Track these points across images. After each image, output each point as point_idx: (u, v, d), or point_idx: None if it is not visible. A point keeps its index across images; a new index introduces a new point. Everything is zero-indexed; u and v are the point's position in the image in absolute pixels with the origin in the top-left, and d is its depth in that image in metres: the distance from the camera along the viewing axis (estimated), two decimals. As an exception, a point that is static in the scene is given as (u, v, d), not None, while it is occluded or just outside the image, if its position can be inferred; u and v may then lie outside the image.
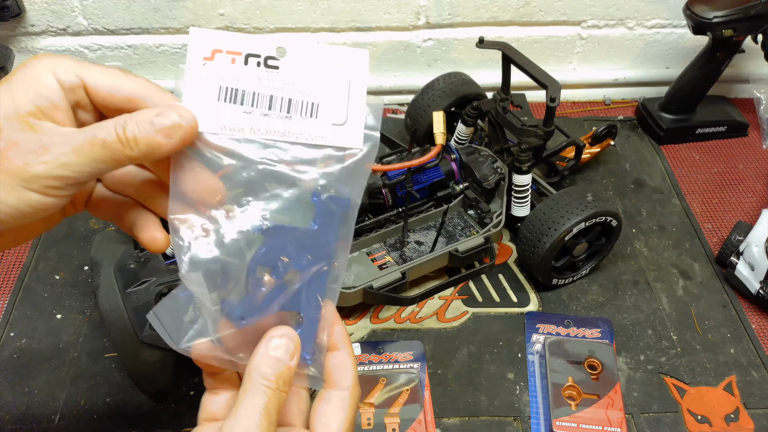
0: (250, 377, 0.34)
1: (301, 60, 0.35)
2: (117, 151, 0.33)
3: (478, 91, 0.98)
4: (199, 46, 0.35)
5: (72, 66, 0.34)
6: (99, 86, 0.34)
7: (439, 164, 0.87)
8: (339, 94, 0.36)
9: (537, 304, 0.84)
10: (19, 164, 0.32)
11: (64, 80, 0.34)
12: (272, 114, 0.35)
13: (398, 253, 0.83)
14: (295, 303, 0.36)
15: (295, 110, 0.35)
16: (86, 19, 1.05)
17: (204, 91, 0.35)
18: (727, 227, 0.96)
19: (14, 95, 0.33)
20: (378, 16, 1.08)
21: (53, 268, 0.86)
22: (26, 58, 0.40)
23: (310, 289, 0.36)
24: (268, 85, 0.35)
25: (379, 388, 0.73)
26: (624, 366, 0.78)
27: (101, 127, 0.33)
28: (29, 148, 0.32)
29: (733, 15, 0.95)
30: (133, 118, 0.33)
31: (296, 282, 0.36)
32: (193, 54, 0.35)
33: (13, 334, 0.78)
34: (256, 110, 0.35)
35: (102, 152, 0.33)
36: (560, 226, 0.78)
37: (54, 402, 0.72)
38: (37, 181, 0.32)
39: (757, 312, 0.85)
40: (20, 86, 0.33)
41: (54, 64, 0.34)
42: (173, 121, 0.33)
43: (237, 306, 0.35)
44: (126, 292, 0.69)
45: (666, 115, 1.11)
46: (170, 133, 0.33)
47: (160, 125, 0.33)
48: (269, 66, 0.35)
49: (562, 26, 1.13)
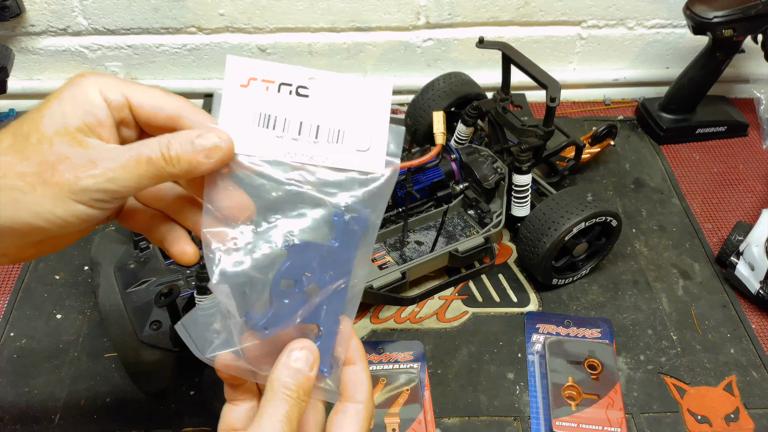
0: (272, 386, 0.35)
1: (330, 89, 0.38)
2: (161, 168, 0.35)
3: (478, 91, 0.98)
4: (235, 74, 0.37)
5: (118, 85, 0.36)
6: (143, 105, 0.37)
7: (439, 164, 0.87)
8: (363, 122, 0.38)
9: (537, 304, 0.84)
10: (69, 177, 0.33)
11: (110, 99, 0.35)
12: (301, 139, 0.37)
13: (398, 253, 0.83)
14: (315, 317, 0.38)
15: (322, 136, 0.38)
16: (86, 19, 1.05)
17: (239, 116, 0.37)
18: (727, 227, 0.96)
19: (64, 111, 0.34)
20: (378, 16, 1.08)
21: (53, 268, 0.86)
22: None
23: (330, 304, 0.38)
24: (298, 111, 0.37)
25: (379, 388, 0.73)
26: (624, 366, 0.78)
27: (146, 145, 0.35)
28: (79, 163, 0.34)
29: (733, 15, 0.95)
30: (177, 138, 0.35)
31: (317, 296, 0.37)
32: (229, 80, 0.37)
33: (13, 334, 0.78)
34: (287, 135, 0.37)
35: (147, 169, 0.35)
36: (560, 226, 0.78)
37: (54, 402, 0.72)
38: (85, 194, 0.34)
39: (757, 312, 0.85)
40: (69, 102, 0.35)
41: (101, 83, 0.35)
42: (213, 143, 0.35)
43: (261, 317, 0.36)
44: (126, 292, 0.69)
45: (666, 115, 1.11)
46: (210, 153, 0.35)
47: (201, 146, 0.35)
48: (300, 94, 0.38)
49: (562, 26, 1.13)
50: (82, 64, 1.11)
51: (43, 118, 0.34)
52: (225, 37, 1.09)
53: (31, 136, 0.34)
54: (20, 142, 0.34)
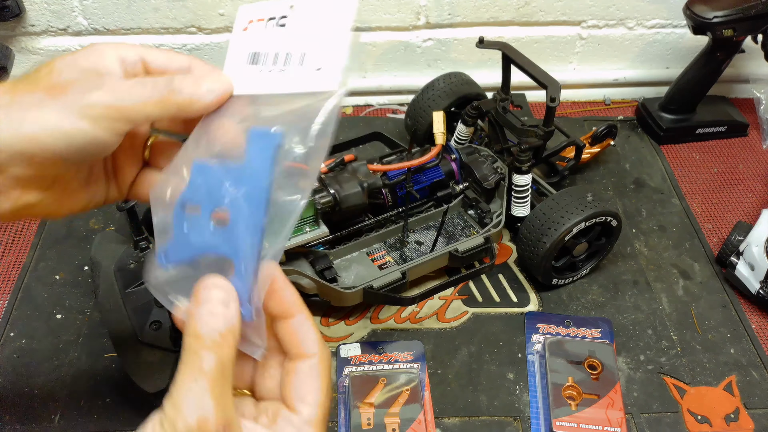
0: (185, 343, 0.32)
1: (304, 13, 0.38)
2: (164, 97, 0.36)
3: (478, 91, 0.98)
4: (240, 20, 0.39)
5: (134, 48, 0.39)
6: (157, 61, 0.39)
7: (439, 164, 0.87)
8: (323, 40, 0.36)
9: (537, 304, 0.84)
10: (77, 94, 0.35)
11: (125, 58, 0.38)
12: (275, 69, 0.38)
13: (398, 253, 0.83)
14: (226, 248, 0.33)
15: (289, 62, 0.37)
16: (86, 19, 1.05)
17: (238, 58, 0.39)
18: (727, 227, 0.96)
19: (76, 58, 0.37)
20: (378, 16, 1.08)
21: (53, 268, 0.86)
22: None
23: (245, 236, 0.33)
24: (276, 42, 0.38)
25: (379, 388, 0.73)
26: (624, 366, 0.78)
27: (153, 78, 0.38)
28: (87, 84, 0.36)
29: (733, 15, 0.95)
30: (181, 75, 0.38)
31: (226, 222, 0.33)
32: (236, 28, 0.39)
33: (13, 334, 0.78)
34: (265, 68, 0.38)
35: (152, 94, 0.36)
36: (560, 226, 0.78)
37: (54, 402, 0.72)
38: (92, 109, 0.35)
39: (757, 312, 0.85)
40: (83, 53, 0.38)
41: (118, 47, 0.39)
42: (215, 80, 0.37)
43: (164, 250, 0.34)
44: (126, 292, 0.69)
45: (666, 115, 1.11)
46: (212, 87, 0.37)
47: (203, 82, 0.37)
48: (280, 25, 0.39)
49: (562, 26, 1.13)
50: (82, 64, 1.11)
51: (55, 60, 0.37)
52: (225, 37, 1.09)
53: (41, 71, 0.37)
54: (31, 77, 0.37)
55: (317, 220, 0.76)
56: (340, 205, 0.78)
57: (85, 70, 0.37)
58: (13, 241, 0.90)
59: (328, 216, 0.78)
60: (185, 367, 0.31)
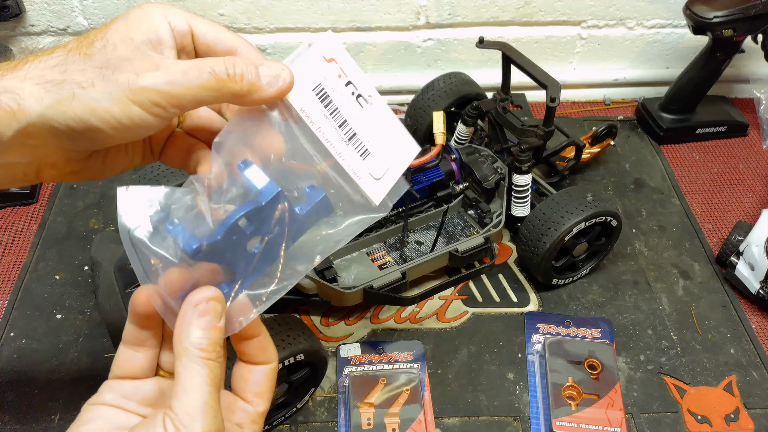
0: (187, 351, 0.33)
1: (380, 117, 0.41)
2: (222, 82, 0.35)
3: (478, 91, 0.98)
4: (324, 46, 0.39)
5: (183, 14, 0.37)
6: (206, 35, 0.38)
7: (439, 164, 0.87)
8: (388, 157, 0.42)
9: (537, 304, 0.84)
10: (130, 76, 0.34)
11: (175, 25, 0.36)
12: (339, 132, 0.39)
13: (398, 253, 0.83)
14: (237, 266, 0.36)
15: (354, 143, 0.40)
16: (86, 19, 1.05)
17: (307, 76, 0.38)
18: (727, 227, 0.96)
19: (129, 26, 0.35)
20: (378, 16, 1.08)
21: (53, 268, 0.86)
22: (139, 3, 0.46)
23: (258, 266, 0.37)
24: (350, 111, 0.40)
25: (379, 388, 0.73)
26: (624, 366, 0.78)
27: (212, 59, 0.35)
28: (141, 64, 0.34)
29: (733, 15, 0.95)
30: (242, 59, 0.36)
31: (254, 248, 0.36)
32: (316, 48, 0.39)
33: (13, 334, 0.78)
34: (332, 120, 0.39)
35: (208, 79, 0.35)
36: (560, 226, 0.78)
37: (54, 402, 0.72)
38: (144, 93, 0.34)
39: (757, 312, 0.85)
40: (135, 21, 0.35)
41: (167, 10, 0.37)
42: (277, 73, 0.36)
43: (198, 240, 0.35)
44: (126, 292, 0.69)
45: (666, 115, 1.11)
46: (272, 82, 0.36)
47: (264, 73, 0.36)
48: (358, 101, 0.41)
49: (562, 26, 1.13)
50: (82, 64, 1.11)
51: (109, 29, 0.35)
52: (225, 37, 1.09)
53: (96, 41, 0.35)
54: (85, 45, 0.35)
55: (317, 220, 0.76)
56: (340, 205, 0.78)
57: (139, 45, 0.35)
58: (13, 241, 0.90)
59: (328, 216, 0.78)
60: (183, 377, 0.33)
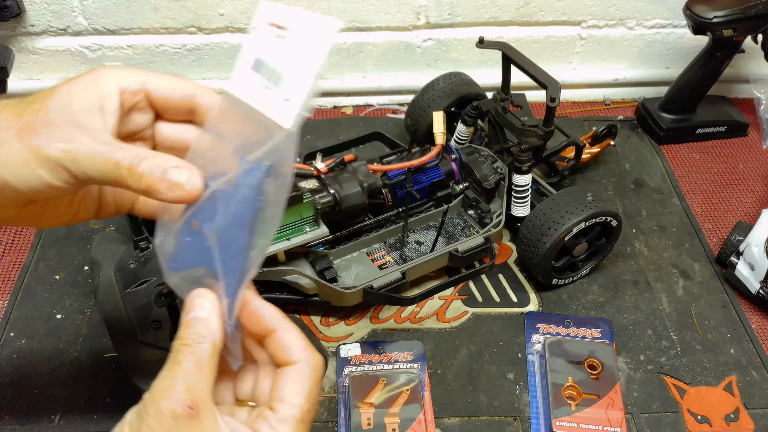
0: (176, 343, 0.36)
1: (297, 33, 0.36)
2: (122, 176, 0.36)
3: (478, 91, 0.98)
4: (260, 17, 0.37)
5: (136, 74, 0.38)
6: (160, 89, 0.39)
7: (439, 164, 0.87)
8: (297, 67, 0.35)
9: (537, 304, 0.84)
10: (41, 143, 0.35)
11: (126, 86, 0.38)
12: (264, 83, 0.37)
13: (398, 253, 0.83)
14: (218, 266, 0.36)
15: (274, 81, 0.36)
16: (86, 19, 1.05)
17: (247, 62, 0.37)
18: (727, 227, 0.96)
19: (72, 91, 0.37)
20: (378, 16, 1.08)
21: (53, 268, 0.86)
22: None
23: (227, 255, 0.36)
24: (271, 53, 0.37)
25: (379, 388, 0.73)
26: (624, 366, 0.78)
27: (126, 149, 0.36)
28: (59, 133, 0.35)
29: (733, 15, 0.95)
30: (153, 159, 0.36)
31: (214, 242, 0.36)
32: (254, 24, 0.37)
33: (13, 334, 0.78)
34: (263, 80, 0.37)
35: (111, 169, 0.35)
36: (560, 226, 0.78)
37: (54, 402, 0.72)
38: (48, 162, 0.35)
39: (757, 312, 0.85)
40: (81, 86, 0.37)
41: (120, 73, 0.38)
42: (180, 181, 0.36)
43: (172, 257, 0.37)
44: (126, 292, 0.69)
45: (666, 115, 1.11)
46: (172, 188, 0.36)
47: (168, 177, 0.36)
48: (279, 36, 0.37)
49: (562, 26, 1.13)
50: (82, 64, 1.11)
51: (54, 93, 0.37)
52: (225, 37, 1.09)
53: (35, 103, 0.36)
54: (23, 106, 0.36)
55: (317, 220, 0.76)
56: (340, 205, 0.78)
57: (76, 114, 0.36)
58: (13, 241, 0.90)
59: (328, 216, 0.78)
60: (166, 363, 0.35)
